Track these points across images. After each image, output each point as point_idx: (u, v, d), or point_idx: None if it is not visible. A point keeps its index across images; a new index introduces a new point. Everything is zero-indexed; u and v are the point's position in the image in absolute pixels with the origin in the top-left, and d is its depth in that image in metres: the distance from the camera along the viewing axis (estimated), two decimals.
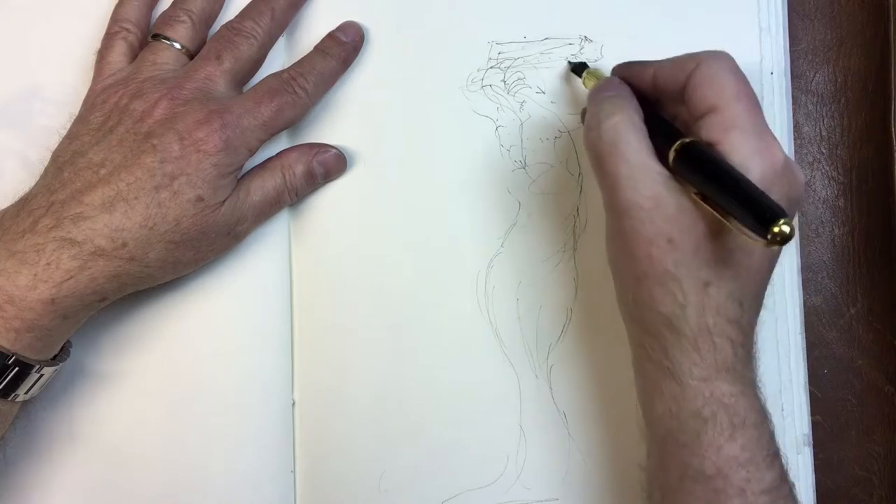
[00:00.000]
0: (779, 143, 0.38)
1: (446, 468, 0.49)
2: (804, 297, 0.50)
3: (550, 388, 0.49)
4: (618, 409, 0.49)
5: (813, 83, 0.51)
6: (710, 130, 0.37)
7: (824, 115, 0.51)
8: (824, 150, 0.51)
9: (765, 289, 0.40)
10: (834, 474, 0.50)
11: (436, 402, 0.49)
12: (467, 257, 0.49)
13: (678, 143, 0.37)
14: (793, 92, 0.50)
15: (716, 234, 0.37)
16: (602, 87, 0.42)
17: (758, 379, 0.40)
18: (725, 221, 0.35)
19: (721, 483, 0.37)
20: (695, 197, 0.37)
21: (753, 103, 0.38)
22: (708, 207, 0.36)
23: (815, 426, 0.50)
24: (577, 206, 0.49)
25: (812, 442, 0.49)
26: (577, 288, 0.49)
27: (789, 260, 0.49)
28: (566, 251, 0.49)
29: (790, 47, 0.50)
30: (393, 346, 0.49)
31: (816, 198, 0.51)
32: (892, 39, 0.50)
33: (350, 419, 0.49)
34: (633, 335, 0.41)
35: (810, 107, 0.51)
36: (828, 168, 0.51)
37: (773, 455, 0.39)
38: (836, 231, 0.51)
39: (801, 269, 0.50)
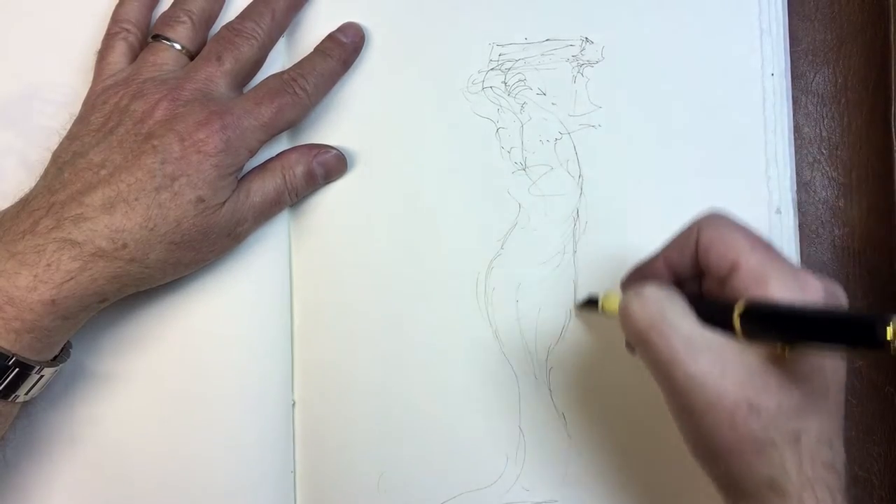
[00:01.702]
0: (810, 273, 0.37)
1: (446, 469, 0.49)
2: None
3: (550, 390, 0.49)
4: (617, 411, 0.49)
5: (813, 84, 0.51)
6: (745, 287, 0.37)
7: (824, 115, 0.51)
8: (824, 151, 0.51)
9: (843, 424, 0.38)
10: None
11: (435, 402, 0.49)
12: (467, 259, 0.49)
13: (738, 307, 0.36)
14: (793, 93, 0.50)
15: (791, 385, 0.36)
16: (625, 286, 0.41)
17: None
18: (821, 357, 0.35)
19: None
20: (781, 350, 0.35)
21: (769, 247, 0.37)
22: (801, 350, 0.35)
23: None
24: (577, 209, 0.49)
25: None
26: (577, 290, 0.49)
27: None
28: (566, 253, 0.49)
29: (790, 48, 0.49)
30: (393, 347, 0.49)
31: (816, 198, 0.51)
32: (892, 40, 0.50)
33: (350, 419, 0.49)
34: (726, 499, 0.39)
35: (810, 107, 0.51)
36: (828, 168, 0.51)
37: None
38: (836, 231, 0.51)
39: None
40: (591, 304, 0.46)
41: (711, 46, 0.48)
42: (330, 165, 0.49)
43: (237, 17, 0.47)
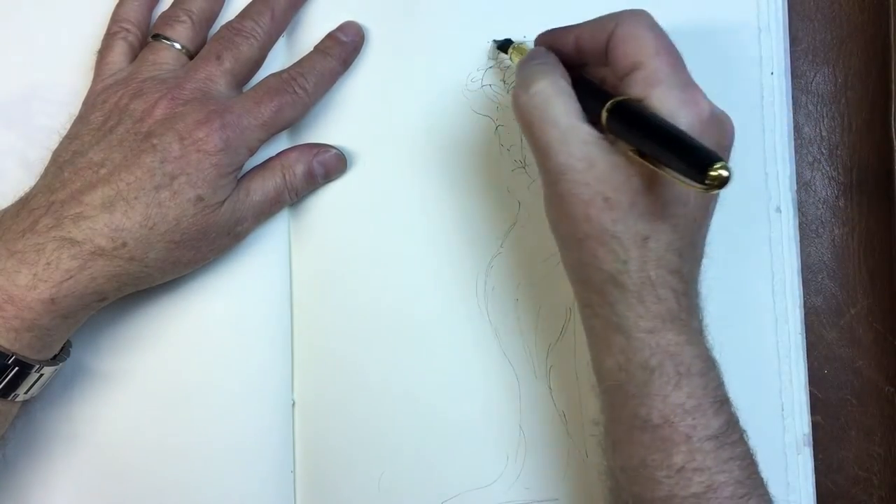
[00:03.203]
0: (703, 94, 0.38)
1: (446, 468, 0.49)
2: (804, 297, 0.50)
3: (550, 389, 0.49)
4: None
5: (813, 83, 0.51)
6: (636, 87, 0.38)
7: (824, 115, 0.51)
8: (824, 151, 0.51)
9: (704, 237, 0.41)
10: (834, 474, 0.50)
11: (435, 402, 0.49)
12: (467, 257, 0.49)
13: (609, 102, 0.38)
14: (793, 92, 0.50)
15: (650, 189, 0.37)
16: (528, 57, 0.43)
17: (705, 329, 0.41)
18: (664, 174, 0.36)
19: (668, 431, 0.38)
20: (632, 154, 0.37)
21: (674, 57, 0.39)
22: (646, 163, 0.37)
23: (815, 426, 0.50)
24: None
25: (812, 442, 0.49)
26: None
27: (789, 260, 0.49)
28: None
29: (790, 47, 0.49)
30: (392, 346, 0.49)
31: (816, 198, 0.51)
32: (892, 39, 0.50)
33: (350, 419, 0.49)
34: (579, 294, 0.41)
35: (810, 107, 0.51)
36: (828, 168, 0.51)
37: (720, 402, 0.39)
38: (836, 231, 0.51)
39: (801, 269, 0.50)
40: (506, 45, 0.48)
41: (711, 45, 0.48)
42: (330, 165, 0.49)
43: (237, 17, 0.47)
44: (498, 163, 0.49)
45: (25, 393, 0.42)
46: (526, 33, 0.49)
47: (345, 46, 0.48)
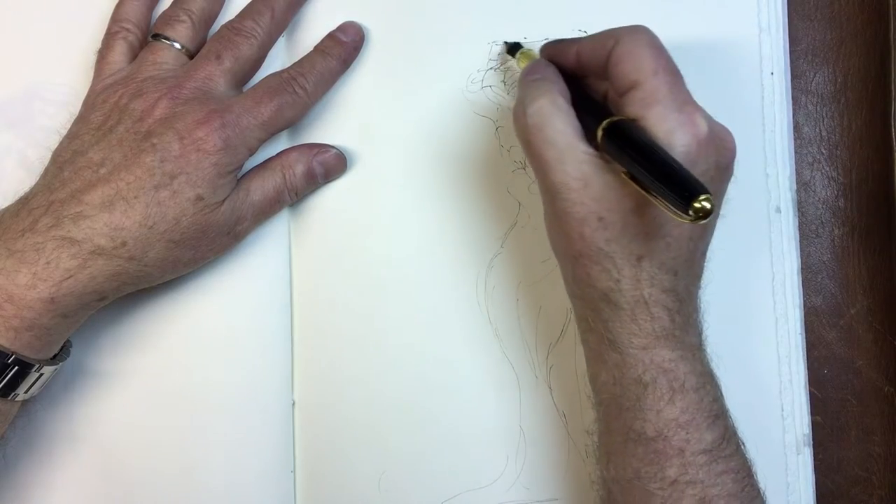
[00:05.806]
0: (702, 112, 0.38)
1: (446, 468, 0.49)
2: (804, 297, 0.50)
3: (550, 389, 0.49)
4: None
5: (813, 83, 0.51)
6: (633, 106, 0.38)
7: (824, 115, 0.51)
8: (824, 151, 0.51)
9: (702, 255, 0.41)
10: (834, 474, 0.50)
11: (435, 402, 0.49)
12: (467, 257, 0.49)
13: (605, 122, 0.38)
14: (793, 92, 0.50)
15: (643, 209, 0.37)
16: (529, 71, 0.43)
17: (703, 341, 0.41)
18: (652, 199, 0.36)
19: (661, 444, 0.39)
20: (624, 176, 0.37)
21: (673, 76, 0.38)
22: (636, 186, 0.36)
23: (815, 426, 0.50)
24: None
25: (812, 442, 0.49)
26: None
27: (789, 260, 0.49)
28: None
29: (790, 48, 0.49)
30: (393, 346, 0.49)
31: (816, 198, 0.51)
32: (892, 39, 0.50)
33: (350, 419, 0.49)
34: (576, 309, 0.42)
35: (810, 107, 0.51)
36: (828, 168, 0.51)
37: (715, 416, 0.40)
38: (836, 231, 0.51)
39: (801, 269, 0.50)
40: (515, 49, 0.48)
41: (711, 46, 0.48)
42: (329, 164, 0.49)
43: (237, 16, 0.47)
44: (498, 163, 0.49)
45: (25, 392, 0.42)
46: (527, 34, 0.49)
47: (345, 46, 0.48)
